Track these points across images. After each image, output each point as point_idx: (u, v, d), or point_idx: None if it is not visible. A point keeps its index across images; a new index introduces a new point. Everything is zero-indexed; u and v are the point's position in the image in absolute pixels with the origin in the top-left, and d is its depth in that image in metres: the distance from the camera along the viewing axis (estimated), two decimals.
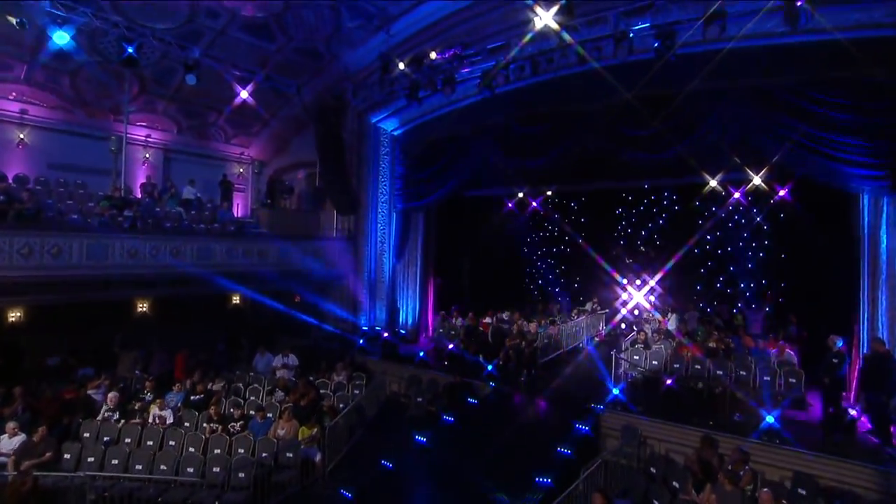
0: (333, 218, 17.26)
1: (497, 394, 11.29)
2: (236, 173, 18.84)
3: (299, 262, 15.17)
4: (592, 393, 10.67)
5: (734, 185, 14.25)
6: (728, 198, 14.29)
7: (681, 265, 16.14)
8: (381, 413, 12.03)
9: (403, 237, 16.75)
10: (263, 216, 16.03)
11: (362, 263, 16.73)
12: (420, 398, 11.85)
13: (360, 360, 14.27)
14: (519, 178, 14.78)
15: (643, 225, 17.88)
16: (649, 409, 9.79)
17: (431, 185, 15.72)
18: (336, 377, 12.60)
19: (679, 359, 11.19)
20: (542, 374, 12.33)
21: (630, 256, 17.80)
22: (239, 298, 19.14)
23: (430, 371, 12.95)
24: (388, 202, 16.94)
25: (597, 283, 18.02)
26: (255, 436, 9.01)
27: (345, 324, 16.77)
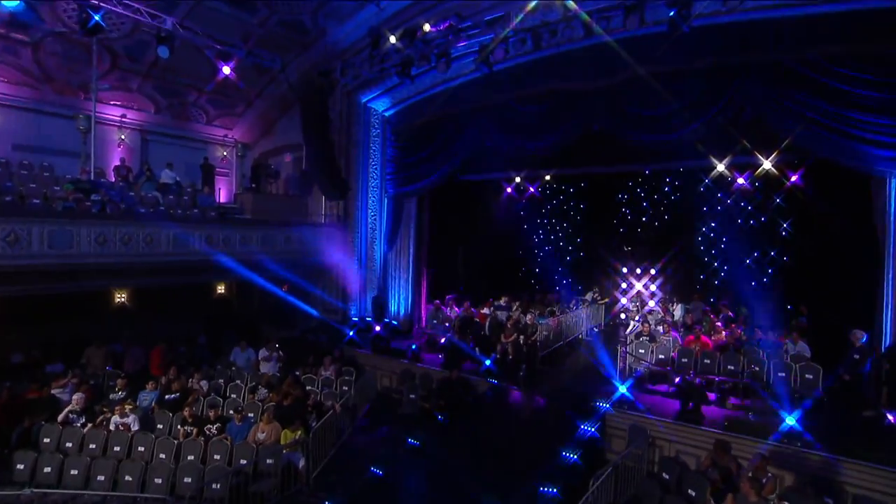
0: (322, 204, 16.36)
1: (495, 391, 10.56)
2: (220, 157, 17.85)
3: (285, 249, 14.28)
4: (596, 389, 10.01)
5: (743, 170, 13.51)
6: (735, 183, 13.55)
7: (684, 254, 15.48)
8: (371, 411, 11.30)
9: (395, 224, 15.90)
10: (247, 201, 15.09)
11: (352, 251, 15.88)
12: (413, 394, 11.11)
13: (350, 354, 13.52)
14: (517, 161, 13.95)
15: (645, 212, 17.13)
16: (658, 407, 9.15)
17: (425, 168, 14.84)
18: (324, 372, 11.82)
19: (688, 353, 10.49)
20: (542, 368, 11.64)
21: (631, 244, 17.07)
22: (224, 287, 18.35)
23: (423, 365, 12.19)
24: (380, 187, 16.06)
25: (597, 273, 17.30)
26: (233, 440, 8.22)
27: (334, 314, 15.98)
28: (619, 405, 9.30)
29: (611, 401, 9.39)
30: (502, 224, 18.10)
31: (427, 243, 16.22)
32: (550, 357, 12.48)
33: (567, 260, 18.52)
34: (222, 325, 15.58)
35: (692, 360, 10.38)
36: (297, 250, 14.72)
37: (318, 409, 9.38)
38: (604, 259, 17.27)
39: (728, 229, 15.08)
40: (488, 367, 11.10)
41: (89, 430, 8.13)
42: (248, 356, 12.04)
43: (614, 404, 9.29)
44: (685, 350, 10.60)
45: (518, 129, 13.07)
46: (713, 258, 15.36)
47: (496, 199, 17.70)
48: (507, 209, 18.27)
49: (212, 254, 11.92)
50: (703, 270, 15.36)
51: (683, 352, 10.59)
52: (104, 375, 10.62)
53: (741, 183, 13.53)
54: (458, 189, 16.23)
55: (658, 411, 9.10)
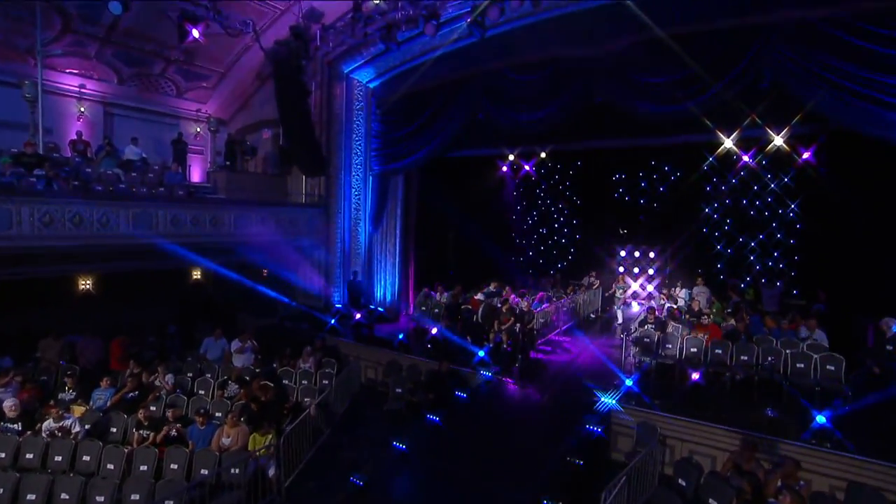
0: (302, 183, 15.20)
1: (489, 384, 9.62)
2: (193, 133, 16.50)
3: (261, 231, 13.13)
4: (599, 382, 9.10)
5: (749, 147, 12.54)
6: (741, 161, 12.59)
7: (687, 236, 14.57)
8: (353, 406, 10.33)
9: (381, 204, 14.78)
10: (221, 180, 13.87)
11: (335, 233, 14.80)
12: (399, 388, 10.17)
13: (332, 343, 12.50)
14: (511, 136, 12.86)
15: (646, 192, 16.17)
16: (667, 402, 8.25)
17: (412, 143, 13.68)
18: (302, 364, 10.78)
19: (697, 342, 9.59)
20: (538, 358, 10.71)
21: (630, 227, 16.13)
22: (200, 273, 17.20)
23: (411, 356, 11.20)
24: (364, 164, 14.89)
25: (595, 256, 16.33)
26: (194, 446, 7.18)
27: (316, 300, 14.97)
28: (626, 400, 8.41)
29: (616, 395, 8.49)
30: (495, 205, 17.07)
31: (415, 225, 15.15)
32: (547, 346, 11.59)
33: (563, 243, 17.52)
34: (197, 313, 14.45)
35: (701, 350, 9.50)
36: (275, 232, 13.57)
37: (296, 409, 8.33)
38: (602, 242, 16.32)
39: (735, 210, 14.16)
40: (481, 357, 10.13)
41: (27, 437, 7.02)
42: (222, 347, 10.95)
43: (620, 399, 8.39)
44: (694, 340, 9.71)
45: (513, 101, 11.95)
46: (717, 241, 14.45)
47: (489, 178, 16.62)
48: (501, 189, 17.21)
49: (179, 236, 10.73)
50: (707, 254, 14.46)
51: (692, 341, 9.70)
52: (58, 371, 9.47)
53: (747, 161, 12.55)
54: (449, 167, 15.12)
55: (668, 406, 8.22)
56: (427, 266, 15.18)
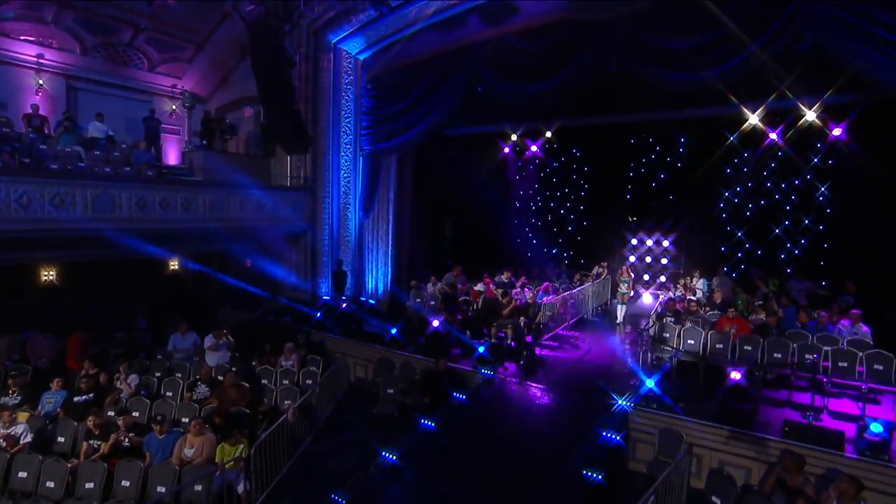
0: (287, 164, 14.30)
1: (491, 385, 8.82)
2: (168, 111, 15.54)
3: (240, 217, 12.26)
4: (614, 382, 8.34)
5: (776, 123, 11.67)
6: (766, 139, 11.72)
7: (705, 222, 13.74)
8: (339, 409, 9.55)
9: (372, 187, 13.92)
10: (196, 160, 12.95)
11: (322, 219, 13.94)
12: (391, 389, 9.37)
13: (318, 339, 11.73)
14: (515, 110, 12.00)
15: (660, 174, 15.26)
16: (693, 405, 7.48)
17: (406, 120, 12.81)
18: (284, 362, 9.97)
19: (723, 337, 8.81)
20: (544, 355, 9.92)
21: (643, 212, 15.28)
22: (177, 264, 16.38)
23: (404, 353, 10.41)
24: (353, 144, 14.01)
25: (605, 245, 15.51)
26: (151, 458, 6.36)
27: (302, 293, 14.15)
28: (645, 403, 7.62)
29: (634, 397, 7.69)
30: (497, 189, 16.19)
31: (409, 210, 14.30)
32: (554, 341, 10.81)
33: (570, 231, 16.68)
34: (173, 307, 13.61)
35: (728, 345, 8.72)
36: (256, 217, 12.70)
37: (272, 414, 7.51)
38: (612, 230, 15.49)
39: (756, 194, 13.32)
40: (482, 354, 9.34)
41: None
42: (193, 343, 10.12)
43: (639, 402, 7.60)
44: (719, 334, 8.92)
45: (517, 71, 11.11)
46: (738, 227, 13.63)
47: (490, 160, 15.73)
48: (503, 172, 16.33)
49: (146, 221, 9.86)
50: (726, 241, 13.63)
51: (717, 336, 8.91)
52: (5, 372, 8.63)
53: (774, 138, 11.68)
54: (446, 147, 14.26)
55: (694, 410, 7.44)
56: (423, 255, 14.34)
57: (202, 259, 13.90)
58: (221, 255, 14.15)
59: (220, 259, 14.37)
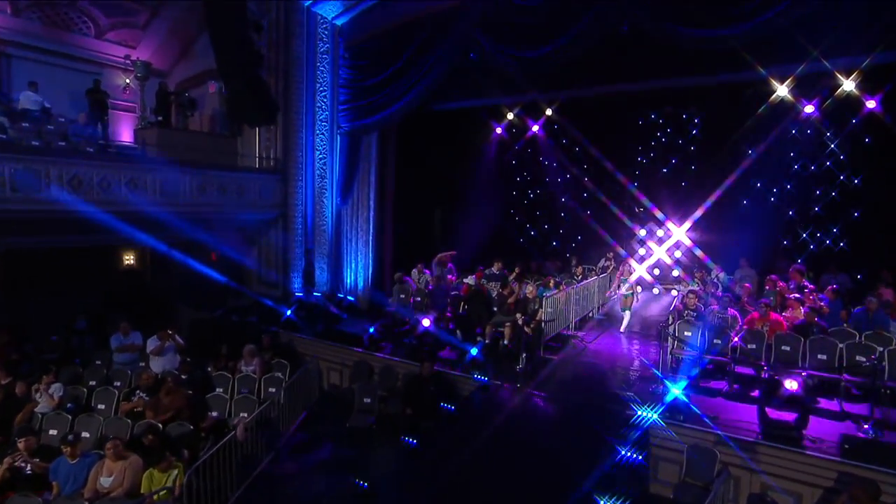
0: (255, 144, 13.22)
1: (485, 392, 7.81)
2: (121, 85, 14.36)
3: (199, 201, 11.16)
4: (631, 388, 7.39)
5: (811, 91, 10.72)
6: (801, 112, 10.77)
7: (724, 208, 12.78)
8: (308, 422, 8.51)
9: (351, 169, 12.86)
10: (150, 138, 11.82)
11: (294, 205, 12.92)
12: (368, 398, 8.33)
13: (287, 340, 10.67)
14: (512, 80, 10.93)
15: (672, 157, 14.35)
16: (726, 417, 6.59)
17: (388, 93, 11.75)
18: (244, 367, 8.90)
19: (756, 337, 7.84)
20: (547, 357, 8.92)
21: (654, 198, 14.32)
22: (135, 257, 15.25)
23: (384, 356, 9.40)
24: (330, 121, 12.97)
25: (611, 235, 14.53)
26: (59, 488, 5.27)
27: (273, 289, 13.12)
28: (670, 414, 6.65)
29: (657, 408, 6.71)
30: (492, 173, 15.17)
31: (393, 195, 13.22)
32: (557, 341, 9.81)
33: (574, 220, 15.70)
34: (125, 305, 12.48)
35: (762, 345, 7.77)
36: (218, 203, 11.62)
37: (220, 430, 6.43)
38: (619, 218, 14.53)
39: (782, 177, 12.38)
40: (474, 357, 8.32)
41: None
42: (133, 343, 9.02)
43: (664, 413, 6.64)
44: (751, 333, 7.96)
45: (515, 34, 10.12)
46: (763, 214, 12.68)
47: (483, 140, 14.70)
48: (499, 154, 15.31)
49: (75, 203, 8.73)
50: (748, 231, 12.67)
51: (748, 335, 7.95)
52: None
53: (810, 112, 10.71)
54: (434, 124, 13.20)
55: (727, 423, 6.48)
56: (408, 246, 13.25)
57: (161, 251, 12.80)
58: (184, 247, 13.08)
59: (182, 251, 13.30)
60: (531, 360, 8.72)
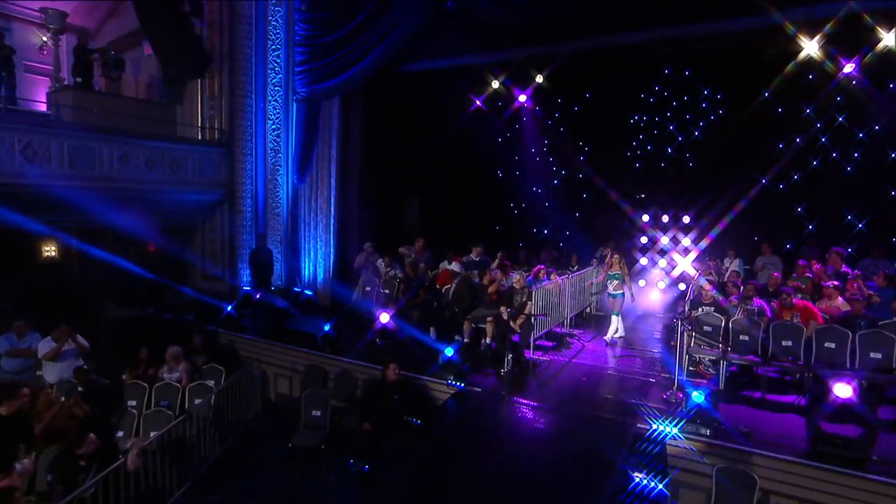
0: (198, 112, 11.98)
1: (462, 401, 6.69)
2: (38, 44, 12.98)
3: (122, 176, 9.89)
4: (642, 397, 6.39)
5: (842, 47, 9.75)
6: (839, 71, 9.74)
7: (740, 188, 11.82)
8: (244, 440, 7.32)
9: (309, 142, 11.69)
10: (65, 100, 10.48)
11: (242, 184, 11.71)
12: (318, 410, 7.17)
13: (228, 342, 9.45)
14: (495, 32, 9.84)
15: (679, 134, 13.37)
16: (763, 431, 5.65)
17: (351, 51, 10.60)
18: (167, 374, 7.71)
19: (791, 332, 6.83)
20: (539, 359, 7.85)
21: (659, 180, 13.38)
22: (56, 249, 13.90)
23: (341, 359, 8.25)
24: (285, 85, 11.80)
25: (610, 222, 13.53)
26: None
27: (218, 283, 11.92)
28: (694, 428, 5.60)
29: (677, 420, 5.67)
30: (476, 149, 14.02)
31: (358, 172, 12.03)
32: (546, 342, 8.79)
33: (567, 204, 14.69)
34: (39, 304, 11.13)
35: (799, 342, 6.75)
36: (146, 179, 10.36)
37: (107, 456, 5.19)
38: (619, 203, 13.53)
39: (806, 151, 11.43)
40: (449, 359, 7.20)
41: None
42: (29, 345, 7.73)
43: (685, 426, 5.60)
44: (784, 327, 6.93)
45: None
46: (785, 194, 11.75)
47: (463, 110, 13.52)
48: (480, 129, 14.16)
49: None
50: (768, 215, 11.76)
51: (781, 329, 6.92)
52: None
53: (849, 71, 9.67)
54: (407, 87, 12.04)
55: (766, 438, 5.46)
56: (377, 233, 12.06)
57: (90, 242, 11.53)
58: (116, 237, 11.80)
59: (113, 242, 12.02)
60: (518, 363, 7.65)
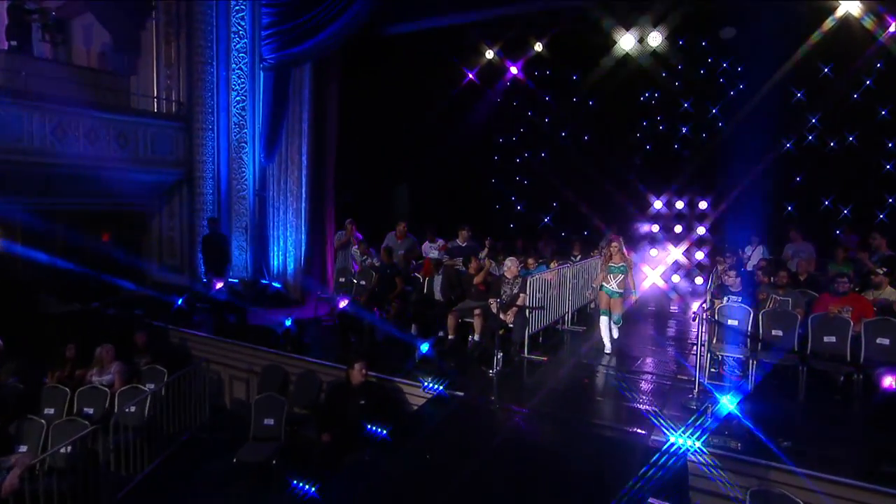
0: (154, 81, 11.15)
1: (440, 407, 5.89)
2: None
3: (59, 151, 9.08)
4: (655, 403, 5.61)
5: None
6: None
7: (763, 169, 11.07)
8: (185, 453, 6.52)
9: (278, 116, 10.87)
10: None
11: (202, 163, 10.96)
12: (271, 419, 6.36)
13: (179, 340, 8.66)
14: None
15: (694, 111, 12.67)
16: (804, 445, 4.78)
17: (325, 8, 9.73)
18: (96, 377, 6.91)
19: (835, 326, 6.02)
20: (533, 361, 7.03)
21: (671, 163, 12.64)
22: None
23: (305, 359, 7.47)
24: (250, 51, 11.05)
25: (616, 209, 12.79)
26: None
27: (177, 275, 11.22)
28: (721, 440, 4.79)
29: (698, 431, 4.88)
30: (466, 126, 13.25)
31: (336, 149, 11.18)
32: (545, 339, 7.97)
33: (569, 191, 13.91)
34: None
35: (845, 338, 5.94)
36: (87, 155, 9.52)
37: None
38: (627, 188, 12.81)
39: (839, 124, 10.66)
40: (425, 355, 6.41)
41: None
42: None
43: (706, 438, 4.79)
44: (826, 320, 6.12)
45: None
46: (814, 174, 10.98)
47: (454, 79, 12.74)
48: (471, 104, 13.39)
49: None
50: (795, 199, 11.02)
51: (823, 323, 6.11)
52: None
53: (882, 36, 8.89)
54: (389, 55, 11.19)
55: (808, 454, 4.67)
56: (356, 218, 11.20)
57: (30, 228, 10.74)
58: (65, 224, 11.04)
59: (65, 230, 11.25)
60: (510, 362, 6.84)
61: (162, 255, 11.45)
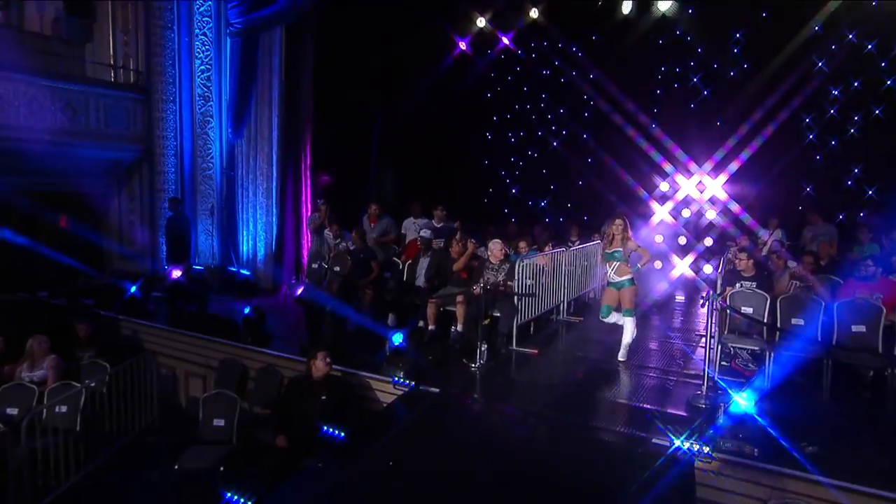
0: (110, 49, 10.59)
1: (411, 405, 5.41)
2: None
3: None
4: (658, 402, 5.20)
5: None
6: None
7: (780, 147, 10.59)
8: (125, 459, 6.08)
9: (246, 86, 10.32)
10: None
11: (163, 139, 10.42)
12: (221, 419, 5.87)
13: (131, 331, 8.19)
14: None
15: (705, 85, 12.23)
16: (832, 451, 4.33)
17: None
18: (26, 373, 6.43)
19: (864, 314, 5.56)
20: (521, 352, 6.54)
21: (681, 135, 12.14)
22: None
23: (266, 352, 6.99)
24: (215, 14, 10.58)
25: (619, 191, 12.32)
26: None
27: (138, 262, 10.68)
28: (735, 444, 4.33)
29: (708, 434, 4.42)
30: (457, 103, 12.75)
31: (311, 124, 10.61)
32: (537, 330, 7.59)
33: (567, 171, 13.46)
34: None
35: (876, 327, 5.51)
36: (26, 126, 8.96)
37: None
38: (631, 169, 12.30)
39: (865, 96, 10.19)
40: (397, 347, 5.92)
41: None
42: None
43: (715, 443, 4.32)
44: (854, 307, 5.70)
45: None
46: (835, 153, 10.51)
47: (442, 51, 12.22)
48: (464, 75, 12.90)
49: None
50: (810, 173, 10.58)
51: (850, 310, 5.70)
52: None
53: None
54: (371, 19, 10.60)
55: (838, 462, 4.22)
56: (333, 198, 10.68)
57: None
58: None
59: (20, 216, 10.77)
60: (496, 356, 6.33)
61: (122, 240, 10.95)
